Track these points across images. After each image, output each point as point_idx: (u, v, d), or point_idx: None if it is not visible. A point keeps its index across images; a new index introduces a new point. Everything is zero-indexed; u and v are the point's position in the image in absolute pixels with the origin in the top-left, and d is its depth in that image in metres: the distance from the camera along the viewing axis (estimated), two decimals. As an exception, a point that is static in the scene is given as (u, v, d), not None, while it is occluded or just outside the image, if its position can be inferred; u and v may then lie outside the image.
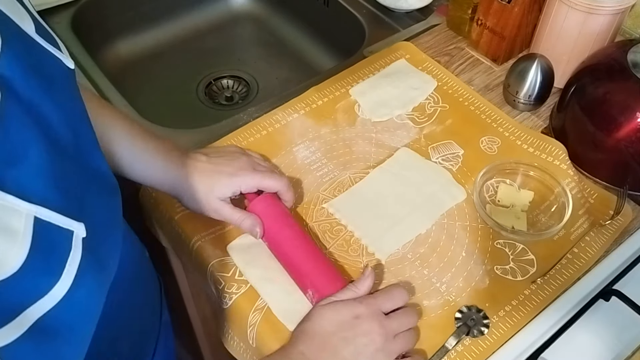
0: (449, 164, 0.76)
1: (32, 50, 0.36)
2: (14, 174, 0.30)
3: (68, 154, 0.36)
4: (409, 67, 0.88)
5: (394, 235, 0.69)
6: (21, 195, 0.30)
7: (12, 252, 0.29)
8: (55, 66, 0.38)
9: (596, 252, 0.68)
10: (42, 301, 0.31)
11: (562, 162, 0.75)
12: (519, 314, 0.63)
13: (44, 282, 0.31)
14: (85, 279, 0.34)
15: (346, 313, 0.56)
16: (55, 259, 0.32)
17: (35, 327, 0.30)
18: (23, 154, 0.31)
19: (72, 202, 0.34)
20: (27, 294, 0.31)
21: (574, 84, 0.77)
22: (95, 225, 0.36)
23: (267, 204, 0.65)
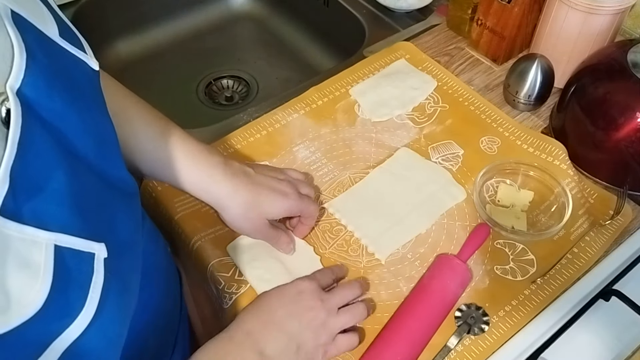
0: (449, 164, 0.76)
1: (57, 58, 0.35)
2: (32, 204, 0.29)
3: (89, 169, 0.35)
4: (409, 67, 0.88)
5: (393, 235, 0.69)
6: (40, 225, 0.29)
7: (34, 290, 0.28)
8: (80, 71, 0.37)
9: (596, 252, 0.68)
10: (67, 332, 0.30)
11: (562, 162, 0.75)
12: (519, 314, 0.63)
13: (67, 313, 0.31)
14: (110, 301, 0.33)
15: (290, 289, 0.57)
16: (77, 287, 0.31)
17: (67, 353, 0.30)
18: (44, 182, 0.30)
19: (92, 222, 0.33)
20: (52, 328, 0.30)
21: (574, 84, 0.77)
22: (117, 240, 0.35)
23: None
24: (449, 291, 0.62)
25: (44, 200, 0.30)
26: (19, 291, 0.27)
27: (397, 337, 0.58)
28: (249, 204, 0.60)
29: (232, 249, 0.67)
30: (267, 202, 0.61)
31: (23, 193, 0.29)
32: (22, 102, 0.30)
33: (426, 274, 0.64)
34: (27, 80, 0.31)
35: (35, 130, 0.31)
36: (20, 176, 0.29)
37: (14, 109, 0.29)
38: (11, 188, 0.28)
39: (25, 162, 0.29)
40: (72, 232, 0.31)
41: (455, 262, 0.64)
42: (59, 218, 0.31)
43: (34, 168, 0.30)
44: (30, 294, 0.28)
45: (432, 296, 0.61)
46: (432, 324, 0.60)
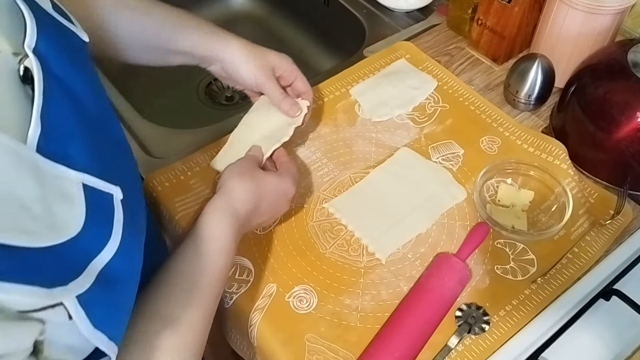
0: (449, 163, 0.76)
1: (56, 28, 0.39)
2: (60, 146, 0.35)
3: (96, 125, 0.40)
4: (409, 67, 0.88)
5: (394, 235, 0.69)
6: (68, 165, 0.35)
7: (74, 214, 0.34)
8: (75, 40, 0.42)
9: (596, 252, 0.68)
10: (102, 255, 0.36)
11: (563, 162, 0.75)
12: (519, 314, 0.63)
13: (100, 238, 0.36)
14: (129, 234, 0.39)
15: (283, 187, 0.63)
16: (104, 219, 0.37)
17: (100, 277, 0.35)
18: (65, 129, 0.35)
19: (107, 168, 0.39)
20: (90, 248, 0.35)
21: (574, 84, 0.77)
22: (126, 187, 0.40)
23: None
24: (448, 289, 0.62)
25: (68, 144, 0.35)
26: (62, 216, 0.33)
27: (395, 335, 0.58)
28: (250, 47, 0.69)
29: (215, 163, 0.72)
30: (267, 50, 0.71)
31: (51, 137, 0.34)
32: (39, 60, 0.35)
33: (425, 273, 0.64)
34: (39, 41, 0.35)
35: (52, 85, 0.35)
36: (48, 122, 0.34)
37: (34, 65, 0.34)
38: (42, 131, 0.33)
39: (49, 110, 0.34)
40: (94, 174, 0.37)
41: (454, 260, 0.64)
42: (82, 161, 0.36)
43: (57, 116, 0.35)
44: (71, 218, 0.34)
45: (430, 294, 0.61)
46: (431, 322, 0.60)
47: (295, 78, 0.72)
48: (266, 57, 0.70)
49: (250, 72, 0.69)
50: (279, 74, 0.72)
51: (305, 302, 0.63)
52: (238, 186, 0.58)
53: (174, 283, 0.50)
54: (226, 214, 0.56)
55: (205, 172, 0.74)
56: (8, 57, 0.34)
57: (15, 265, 0.29)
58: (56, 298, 0.31)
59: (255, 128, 0.72)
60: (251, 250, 0.67)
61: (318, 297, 0.64)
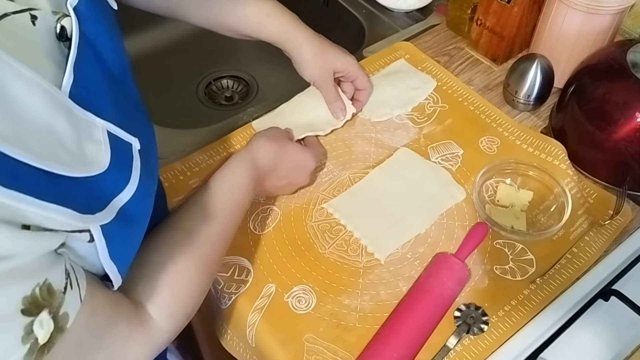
0: (449, 163, 0.76)
1: None
2: (89, 96, 0.39)
3: (118, 83, 0.44)
4: (408, 67, 0.88)
5: (393, 235, 0.69)
6: (96, 114, 0.39)
7: (101, 154, 0.39)
8: (107, 6, 0.45)
9: (595, 252, 0.68)
10: (122, 194, 0.41)
11: (562, 162, 0.75)
12: (518, 314, 0.63)
13: (122, 179, 0.41)
14: (145, 180, 0.43)
15: (304, 158, 0.70)
16: (126, 163, 0.42)
17: (120, 213, 0.40)
18: (93, 83, 0.40)
19: (127, 121, 0.43)
20: (113, 187, 0.40)
21: (574, 84, 0.77)
22: (143, 141, 0.44)
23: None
24: (446, 289, 0.62)
25: (96, 96, 0.40)
26: (91, 154, 0.38)
27: (394, 335, 0.58)
28: (317, 50, 0.74)
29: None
30: (333, 53, 0.76)
31: (82, 87, 0.38)
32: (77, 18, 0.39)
33: (424, 273, 0.64)
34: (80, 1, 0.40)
35: (84, 43, 0.40)
36: (79, 75, 0.38)
37: (73, 22, 0.39)
38: (74, 81, 0.38)
39: (81, 65, 0.38)
40: (117, 124, 0.41)
41: (452, 260, 0.64)
42: (107, 112, 0.40)
43: (87, 71, 0.39)
44: (99, 157, 0.39)
45: (429, 294, 0.61)
46: (429, 322, 0.60)
47: (357, 77, 0.78)
48: (331, 61, 0.76)
49: (312, 73, 0.76)
50: (340, 75, 0.78)
51: (304, 302, 0.63)
52: (262, 144, 0.65)
53: (196, 204, 0.57)
54: (247, 162, 0.63)
55: (204, 172, 0.74)
56: (47, 14, 0.38)
57: (55, 190, 0.34)
58: (86, 222, 0.36)
59: (302, 110, 0.80)
60: (250, 250, 0.67)
61: (317, 297, 0.64)
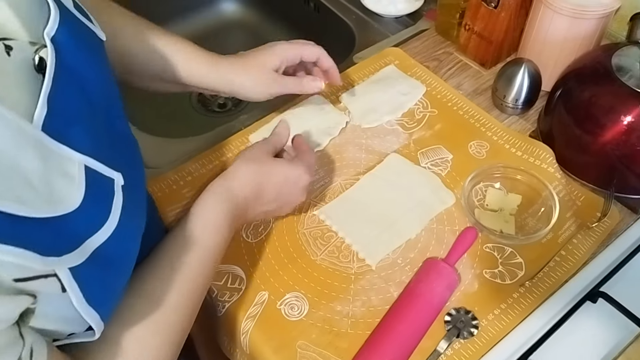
0: (438, 168, 0.77)
1: (76, 24, 0.42)
2: (65, 129, 0.37)
3: (103, 115, 0.42)
4: (398, 73, 0.89)
5: (384, 241, 0.70)
6: (73, 147, 0.37)
7: (73, 192, 0.37)
8: (93, 37, 0.44)
9: (583, 255, 0.69)
10: (98, 234, 0.38)
11: (550, 166, 0.76)
12: (507, 317, 0.64)
13: (98, 218, 0.39)
14: (127, 219, 0.41)
15: (292, 176, 0.65)
16: (104, 200, 0.40)
17: (95, 255, 0.38)
18: (72, 115, 0.38)
19: (110, 155, 0.41)
20: (87, 227, 0.38)
21: (560, 88, 0.78)
22: (128, 176, 0.43)
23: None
24: (436, 294, 0.63)
25: (73, 128, 0.38)
26: (61, 191, 0.36)
27: (384, 341, 0.59)
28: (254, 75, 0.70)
29: None
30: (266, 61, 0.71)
31: (57, 119, 0.37)
32: (55, 48, 0.38)
33: (414, 278, 0.65)
34: (59, 30, 0.39)
35: (63, 72, 0.38)
36: (55, 106, 0.36)
37: (49, 50, 0.37)
38: (49, 113, 0.36)
39: (57, 96, 0.37)
40: (97, 159, 0.39)
41: (442, 265, 0.65)
42: (86, 145, 0.39)
43: (65, 102, 0.38)
44: (69, 195, 0.36)
45: (419, 300, 0.62)
46: (419, 327, 0.61)
47: (318, 56, 0.75)
48: (266, 68, 0.71)
49: (261, 93, 0.72)
50: (288, 66, 0.74)
51: (297, 309, 0.64)
52: (240, 170, 0.61)
53: (161, 261, 0.52)
54: (221, 196, 0.58)
55: (197, 181, 0.75)
56: (24, 45, 0.37)
57: (13, 232, 0.31)
58: (49, 265, 0.34)
59: (297, 123, 0.79)
60: (243, 258, 0.68)
61: (309, 304, 0.65)
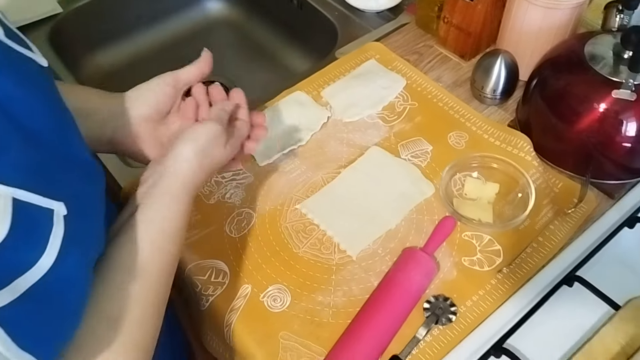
0: (418, 160, 0.79)
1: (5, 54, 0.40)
2: None
3: (46, 143, 0.39)
4: (378, 67, 0.91)
5: (364, 232, 0.71)
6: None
7: None
8: (29, 66, 0.42)
9: (560, 240, 0.70)
10: (31, 272, 0.35)
11: (527, 154, 0.77)
12: (485, 303, 0.65)
13: (29, 254, 0.36)
14: (71, 252, 0.38)
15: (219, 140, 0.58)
16: (37, 234, 0.36)
17: (28, 293, 0.35)
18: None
19: (49, 184, 0.38)
20: (15, 264, 0.35)
21: (536, 77, 0.79)
22: (78, 205, 0.40)
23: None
24: (414, 282, 0.64)
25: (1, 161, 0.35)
26: None
27: (364, 329, 0.61)
28: (142, 129, 0.62)
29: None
30: (139, 98, 0.63)
31: None
32: None
33: (392, 268, 0.66)
34: None
35: None
36: None
37: None
38: None
39: None
40: (30, 190, 0.36)
41: (420, 254, 0.66)
42: (15, 176, 0.35)
43: None
44: None
45: (397, 288, 0.63)
46: (398, 315, 0.62)
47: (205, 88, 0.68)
48: (144, 105, 0.63)
49: (148, 148, 0.63)
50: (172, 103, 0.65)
51: (279, 301, 0.66)
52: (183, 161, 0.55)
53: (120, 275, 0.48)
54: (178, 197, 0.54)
55: (181, 179, 0.77)
56: None
57: None
58: None
59: (279, 121, 0.82)
60: (226, 253, 0.70)
61: (291, 295, 0.66)
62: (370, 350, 0.60)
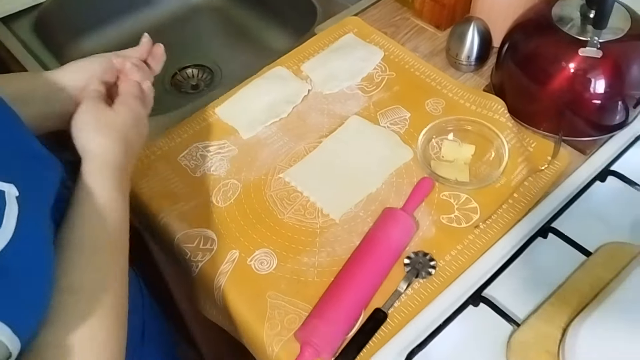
0: (397, 127, 0.81)
1: None
2: None
3: None
4: (356, 41, 0.93)
5: (346, 196, 0.74)
6: None
7: None
8: None
9: (535, 195, 0.73)
10: None
11: (502, 116, 0.80)
12: (463, 257, 0.68)
13: None
14: (27, 228, 0.40)
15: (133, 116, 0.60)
16: None
17: None
18: None
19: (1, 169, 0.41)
20: None
21: (508, 42, 0.81)
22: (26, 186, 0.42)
23: None
24: (394, 239, 0.67)
25: None
26: None
27: (347, 284, 0.63)
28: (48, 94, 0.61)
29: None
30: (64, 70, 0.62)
31: None
32: None
33: (372, 227, 0.69)
34: None
35: None
36: None
37: None
38: None
39: None
40: None
41: (399, 213, 0.69)
42: None
43: None
44: None
45: (378, 245, 0.66)
46: (379, 270, 0.65)
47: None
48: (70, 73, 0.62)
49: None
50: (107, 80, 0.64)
51: (266, 263, 0.68)
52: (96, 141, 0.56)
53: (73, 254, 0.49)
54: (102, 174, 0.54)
55: (167, 155, 0.79)
56: None
57: None
58: None
59: (261, 94, 0.85)
60: (214, 221, 0.72)
61: (277, 258, 0.69)
62: (353, 303, 0.62)
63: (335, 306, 0.62)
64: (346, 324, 0.61)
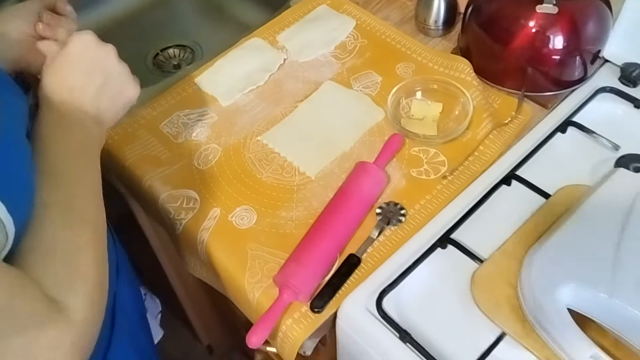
0: (369, 90, 0.85)
1: None
2: None
3: None
4: (329, 12, 0.97)
5: (322, 155, 0.78)
6: None
7: None
8: None
9: (499, 148, 0.77)
10: None
11: (468, 75, 0.84)
12: (432, 205, 0.72)
13: None
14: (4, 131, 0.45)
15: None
16: None
17: None
18: None
19: None
20: None
21: (471, 5, 0.85)
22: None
23: None
24: (365, 190, 0.71)
25: None
26: None
27: (323, 231, 0.67)
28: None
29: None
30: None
31: None
32: None
33: (346, 179, 0.73)
34: None
35: None
36: None
37: None
38: None
39: None
40: None
41: (370, 165, 0.73)
42: None
43: None
44: None
45: (350, 195, 0.70)
46: (352, 218, 0.69)
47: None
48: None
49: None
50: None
51: (247, 219, 0.72)
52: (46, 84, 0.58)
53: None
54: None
55: (149, 124, 0.83)
56: None
57: None
58: None
59: (239, 64, 0.89)
60: (196, 182, 0.76)
61: (257, 214, 0.73)
62: (329, 248, 0.66)
63: (312, 251, 0.66)
64: (322, 267, 0.65)
